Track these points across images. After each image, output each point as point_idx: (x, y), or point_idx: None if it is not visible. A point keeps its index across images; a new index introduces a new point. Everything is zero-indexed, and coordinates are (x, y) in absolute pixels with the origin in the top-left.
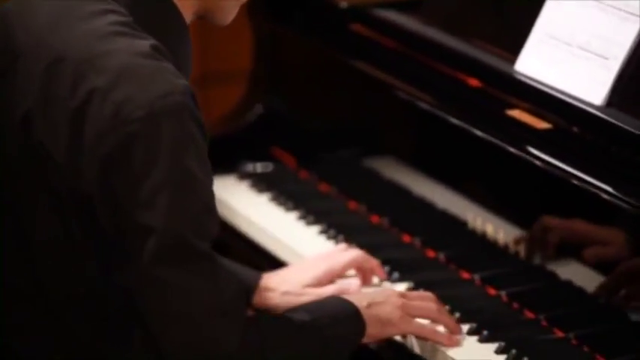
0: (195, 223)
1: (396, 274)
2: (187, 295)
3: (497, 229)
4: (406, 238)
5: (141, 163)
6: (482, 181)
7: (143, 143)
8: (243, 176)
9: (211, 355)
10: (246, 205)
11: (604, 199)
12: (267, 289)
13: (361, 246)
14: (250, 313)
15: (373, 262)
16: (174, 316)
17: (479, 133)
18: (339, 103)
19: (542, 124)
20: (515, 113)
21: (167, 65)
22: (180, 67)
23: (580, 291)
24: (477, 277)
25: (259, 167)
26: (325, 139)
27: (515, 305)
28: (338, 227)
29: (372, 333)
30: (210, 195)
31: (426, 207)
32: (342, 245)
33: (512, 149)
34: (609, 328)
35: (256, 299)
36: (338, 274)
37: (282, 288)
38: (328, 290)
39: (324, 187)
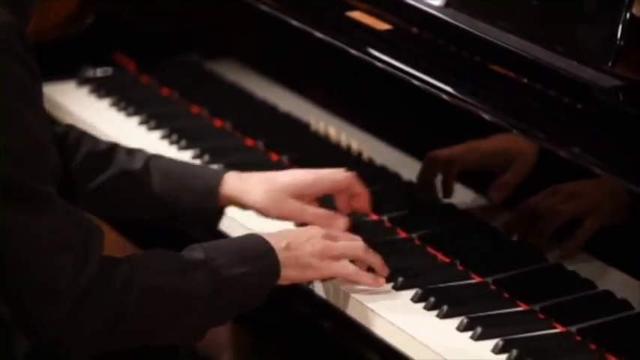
0: (24, 163)
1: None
2: (21, 234)
3: (340, 132)
4: (249, 142)
5: None
6: (324, 84)
7: None
8: (83, 81)
9: (59, 294)
10: (86, 111)
11: (444, 100)
12: (247, 184)
13: (204, 151)
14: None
15: (361, 189)
16: (12, 256)
17: (319, 35)
18: (179, 5)
19: (382, 25)
20: (356, 15)
21: None
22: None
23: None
24: None
25: (99, 72)
26: (166, 42)
27: None
28: (180, 132)
29: (291, 276)
30: (41, 134)
31: (268, 110)
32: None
33: (352, 51)
34: (452, 229)
35: (228, 194)
36: (324, 190)
37: (264, 187)
38: (310, 211)
39: (165, 92)
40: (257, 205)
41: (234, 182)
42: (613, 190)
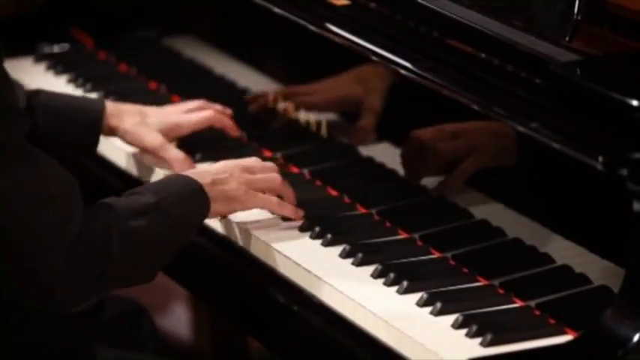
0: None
1: (199, 155)
2: (6, 191)
3: (299, 108)
4: None
5: None
6: (282, 59)
7: None
8: (41, 58)
9: (52, 245)
10: (44, 88)
11: (402, 75)
12: (120, 113)
13: None
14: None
15: (226, 122)
16: (2, 214)
17: (278, 10)
18: None
19: (340, 1)
20: None
21: None
22: None
23: (385, 168)
24: (278, 154)
25: (57, 48)
26: (123, 18)
27: (318, 182)
28: None
29: (219, 210)
30: (7, 97)
31: (227, 86)
32: (198, 102)
33: (311, 27)
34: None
35: (109, 125)
36: (184, 133)
37: (134, 118)
38: (171, 151)
39: (123, 68)
40: (121, 132)
41: (112, 113)
42: (497, 132)
